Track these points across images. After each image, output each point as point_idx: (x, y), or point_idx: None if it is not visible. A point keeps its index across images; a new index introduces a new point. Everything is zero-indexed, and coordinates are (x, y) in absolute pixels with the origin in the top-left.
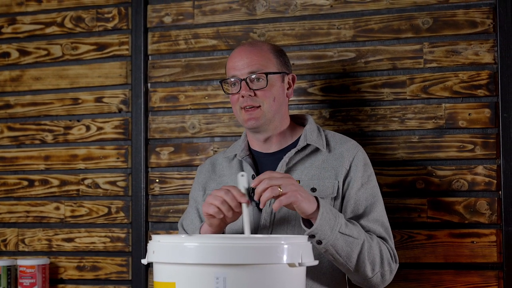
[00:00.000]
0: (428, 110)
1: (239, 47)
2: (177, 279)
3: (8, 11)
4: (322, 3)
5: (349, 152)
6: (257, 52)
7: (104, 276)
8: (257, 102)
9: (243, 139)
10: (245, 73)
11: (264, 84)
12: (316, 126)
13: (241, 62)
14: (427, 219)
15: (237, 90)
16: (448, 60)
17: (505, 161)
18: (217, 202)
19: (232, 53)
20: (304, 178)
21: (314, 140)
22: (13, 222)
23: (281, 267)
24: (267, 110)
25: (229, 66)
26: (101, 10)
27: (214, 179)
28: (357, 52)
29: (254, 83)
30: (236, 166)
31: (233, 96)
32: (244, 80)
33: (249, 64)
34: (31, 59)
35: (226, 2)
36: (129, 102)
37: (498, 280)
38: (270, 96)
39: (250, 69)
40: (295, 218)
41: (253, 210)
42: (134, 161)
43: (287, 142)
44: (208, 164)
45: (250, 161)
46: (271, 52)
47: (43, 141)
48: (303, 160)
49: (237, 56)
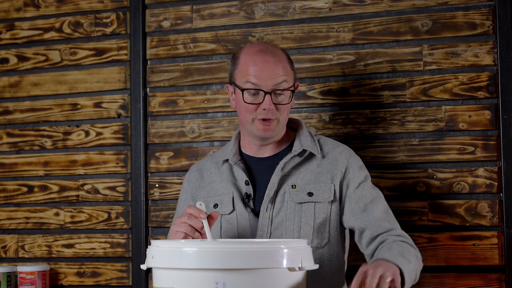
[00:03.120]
0: (428, 112)
1: (259, 54)
2: (176, 284)
3: (6, 17)
4: (321, 6)
5: (342, 155)
6: (280, 64)
7: (105, 282)
8: (275, 115)
9: (233, 143)
10: (270, 85)
11: (287, 100)
12: (308, 131)
13: (265, 73)
14: (428, 222)
15: (257, 101)
16: (448, 62)
17: (506, 163)
18: (183, 228)
19: (248, 55)
20: (300, 183)
21: (309, 146)
22: (13, 228)
23: (281, 271)
24: (282, 122)
25: (247, 72)
26: (99, 15)
27: (203, 187)
28: (356, 55)
29: (276, 96)
30: (227, 171)
31: (250, 105)
32: (269, 94)
33: (274, 76)
34: (29, 64)
35: (225, 6)
36: (128, 107)
37: (500, 282)
38: (287, 109)
39: (275, 81)
40: (293, 224)
41: (249, 216)
42: (134, 166)
43: (281, 147)
44: (195, 172)
45: (242, 166)
46: (288, 63)
47: (42, 147)
48: (298, 165)
49: (259, 64)
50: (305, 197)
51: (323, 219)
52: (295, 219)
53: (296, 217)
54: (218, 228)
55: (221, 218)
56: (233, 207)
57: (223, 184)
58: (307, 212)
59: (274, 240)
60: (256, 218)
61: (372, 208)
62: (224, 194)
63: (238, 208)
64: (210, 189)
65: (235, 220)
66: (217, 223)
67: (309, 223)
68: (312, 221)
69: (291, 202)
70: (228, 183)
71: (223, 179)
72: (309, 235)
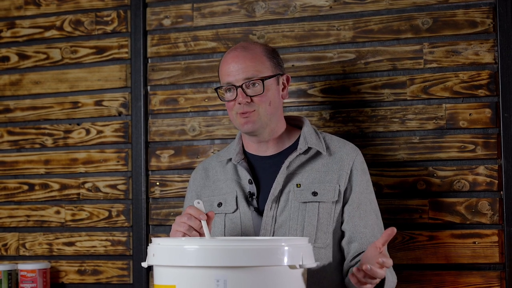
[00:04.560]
0: (428, 110)
1: (231, 52)
2: (177, 282)
3: (7, 15)
4: (321, 4)
5: (348, 156)
6: (250, 57)
7: (105, 280)
8: (253, 107)
9: (237, 142)
10: (240, 79)
11: (261, 90)
12: (313, 129)
13: (235, 68)
14: (429, 220)
15: (233, 97)
16: (448, 60)
17: (506, 161)
18: (182, 228)
19: (224, 57)
20: (305, 182)
21: (314, 143)
22: (14, 226)
23: (281, 269)
24: (263, 114)
25: (222, 72)
26: (100, 13)
27: (208, 186)
28: (357, 53)
29: (250, 88)
30: (231, 170)
31: (229, 103)
32: (240, 87)
33: (243, 69)
34: (30, 63)
35: (225, 4)
36: (129, 105)
37: (500, 280)
38: (266, 101)
39: (245, 75)
40: (296, 224)
41: (252, 215)
42: (135, 164)
43: (284, 145)
44: (201, 170)
45: (245, 165)
46: (264, 54)
47: (43, 145)
48: (304, 164)
49: (230, 61)
50: (310, 197)
51: (327, 219)
52: (299, 219)
53: (299, 216)
54: (222, 227)
55: (225, 217)
56: (237, 206)
57: (227, 183)
58: (311, 211)
59: (275, 238)
60: (260, 217)
61: (367, 219)
62: (228, 193)
63: (242, 207)
64: (215, 188)
65: (239, 219)
66: (221, 222)
67: (313, 223)
68: (316, 221)
69: (295, 202)
70: (232, 182)
71: (227, 178)
72: (312, 234)
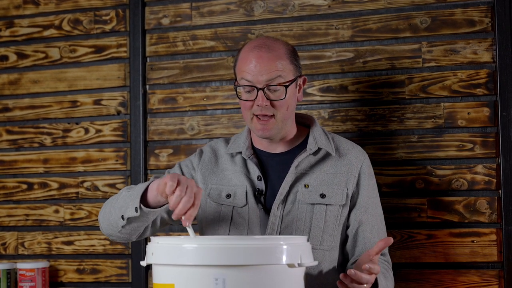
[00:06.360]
0: (427, 109)
1: (254, 50)
2: (176, 280)
3: (6, 14)
4: (320, 3)
5: (357, 159)
6: (275, 59)
7: (104, 279)
8: (271, 111)
9: (245, 135)
10: (263, 81)
11: (282, 95)
12: (322, 129)
13: (257, 68)
14: (427, 218)
15: (252, 98)
16: (447, 59)
17: (504, 160)
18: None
19: (244, 52)
20: (313, 183)
21: (324, 144)
22: (13, 225)
23: (280, 267)
24: (280, 120)
25: (242, 68)
26: (98, 12)
27: (216, 173)
28: (355, 52)
29: (271, 92)
30: (240, 164)
31: (247, 102)
32: (261, 90)
33: (267, 71)
34: (29, 62)
35: (224, 3)
36: (128, 104)
37: (499, 279)
38: (285, 105)
39: (268, 77)
40: (303, 225)
41: (259, 212)
42: (133, 163)
43: (293, 143)
44: (210, 153)
45: (255, 161)
46: (288, 57)
47: (41, 144)
48: (313, 165)
49: (253, 60)
50: (318, 199)
51: (333, 222)
52: (306, 220)
53: (307, 218)
54: (229, 218)
55: (232, 210)
56: (246, 201)
57: (236, 175)
58: (318, 214)
59: (273, 237)
60: (266, 215)
61: (373, 224)
62: (238, 186)
63: (251, 203)
64: (223, 177)
65: (247, 214)
66: (228, 213)
67: (320, 225)
68: (323, 223)
69: (303, 202)
70: (241, 175)
71: (236, 170)
72: (319, 237)
